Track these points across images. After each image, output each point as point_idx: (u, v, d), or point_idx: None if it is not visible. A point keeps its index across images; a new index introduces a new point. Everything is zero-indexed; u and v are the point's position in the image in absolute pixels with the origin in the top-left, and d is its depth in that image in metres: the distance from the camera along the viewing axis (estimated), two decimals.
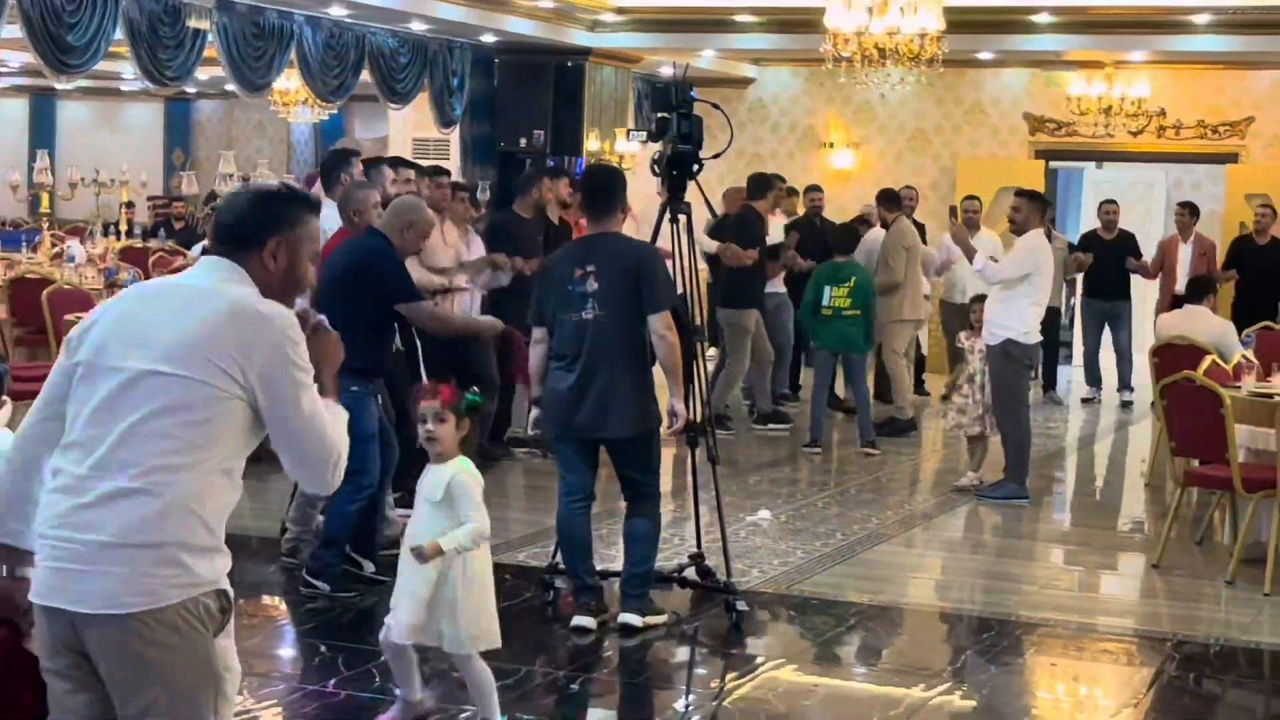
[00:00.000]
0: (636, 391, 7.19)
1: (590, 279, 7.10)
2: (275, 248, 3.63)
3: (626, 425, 7.19)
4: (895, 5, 11.68)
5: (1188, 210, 15.57)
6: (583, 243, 7.57)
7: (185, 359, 3.45)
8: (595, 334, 7.10)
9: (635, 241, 7.55)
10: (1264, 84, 17.17)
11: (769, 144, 19.01)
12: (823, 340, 12.39)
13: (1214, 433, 8.46)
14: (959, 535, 9.90)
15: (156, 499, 3.40)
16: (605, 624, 7.28)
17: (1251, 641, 7.45)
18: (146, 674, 3.40)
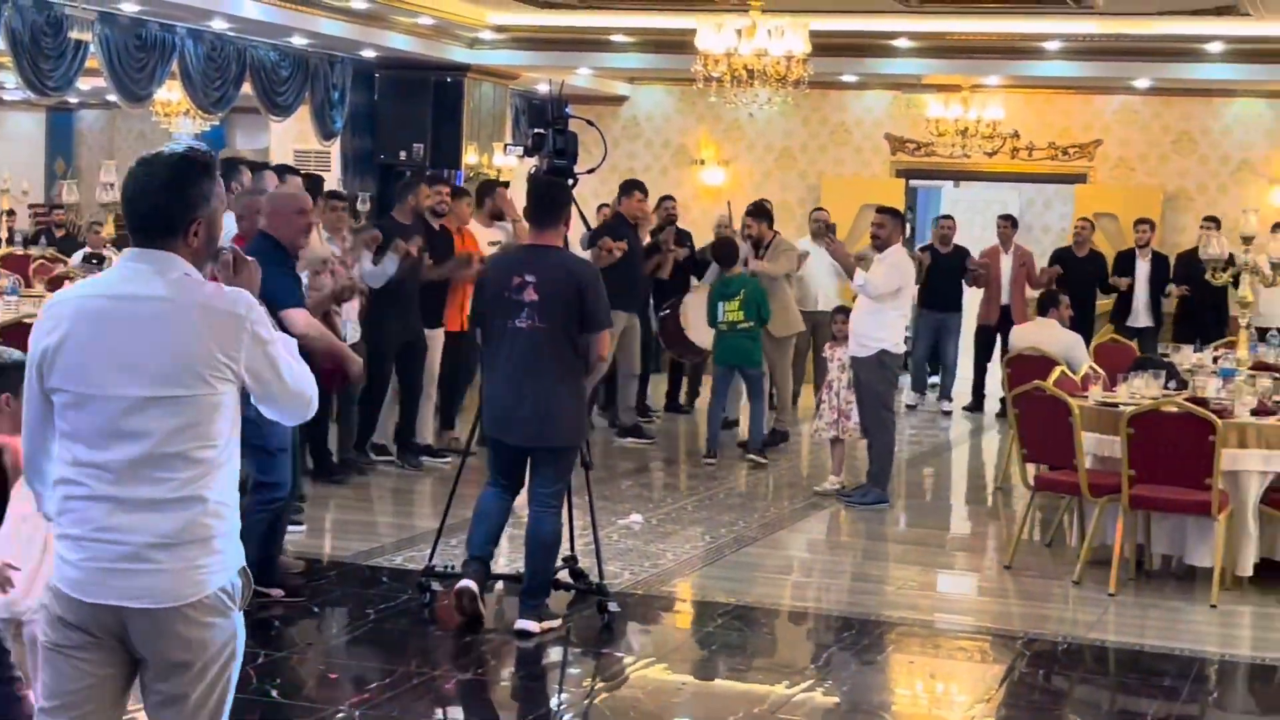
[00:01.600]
0: (572, 403, 7.19)
1: (529, 289, 7.06)
2: (197, 227, 3.61)
3: (560, 436, 7.19)
4: (763, 28, 11.78)
5: (1008, 222, 15.99)
6: (524, 251, 7.46)
7: (180, 379, 3.50)
8: (531, 344, 7.07)
9: (577, 260, 7.52)
10: (1111, 108, 17.52)
11: (642, 160, 19.05)
12: (719, 356, 12.25)
13: (1063, 440, 8.61)
14: (823, 538, 9.98)
15: (198, 503, 3.52)
16: (479, 624, 7.25)
17: (1097, 640, 7.58)
18: (193, 654, 3.54)
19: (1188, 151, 17.29)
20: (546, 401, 7.09)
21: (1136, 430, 8.24)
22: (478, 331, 7.49)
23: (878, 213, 10.89)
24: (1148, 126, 17.43)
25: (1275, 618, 8.03)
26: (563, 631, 7.33)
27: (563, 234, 7.41)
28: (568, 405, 7.15)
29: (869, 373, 10.46)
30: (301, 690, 6.48)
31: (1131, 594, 8.38)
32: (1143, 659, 7.29)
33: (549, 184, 7.53)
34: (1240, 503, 8.34)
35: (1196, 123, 17.23)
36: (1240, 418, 8.49)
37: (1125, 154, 17.53)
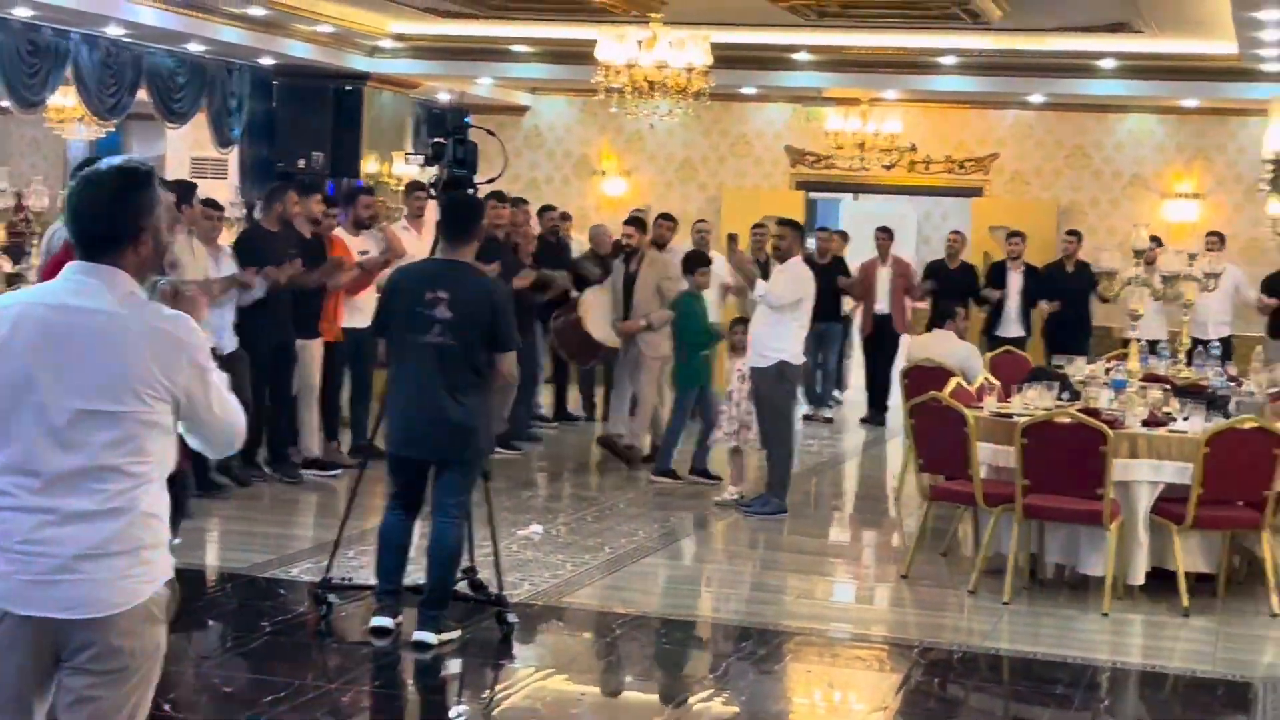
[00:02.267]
0: (482, 416, 7.16)
1: (442, 305, 7.02)
2: (145, 238, 3.63)
3: (470, 448, 7.16)
4: (664, 40, 11.81)
5: (885, 234, 16.18)
6: (436, 266, 7.36)
7: (121, 396, 3.53)
8: (442, 360, 7.03)
9: (489, 279, 7.46)
10: (1007, 123, 17.74)
11: (544, 170, 19.04)
12: (692, 377, 11.82)
13: (958, 450, 8.70)
14: (722, 547, 10.01)
15: (126, 514, 3.54)
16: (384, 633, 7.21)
17: (991, 648, 7.66)
18: (124, 664, 3.57)
19: (1081, 166, 17.55)
20: (457, 415, 7.06)
21: (1030, 441, 8.34)
22: (381, 344, 7.42)
23: (778, 224, 10.98)
24: (1042, 141, 17.68)
25: (1165, 626, 8.16)
26: (461, 643, 7.30)
27: (474, 250, 7.39)
28: (477, 418, 7.13)
29: (769, 383, 10.51)
30: (196, 704, 6.40)
31: (1025, 603, 8.48)
32: (1036, 667, 7.38)
33: (464, 199, 7.49)
34: (1131, 512, 8.46)
35: (1090, 138, 17.50)
36: (1131, 428, 8.62)
37: (1020, 168, 17.76)
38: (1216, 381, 10.65)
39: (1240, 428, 8.38)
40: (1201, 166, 17.07)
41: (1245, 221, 16.59)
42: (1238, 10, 11.11)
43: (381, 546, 7.39)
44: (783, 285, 10.49)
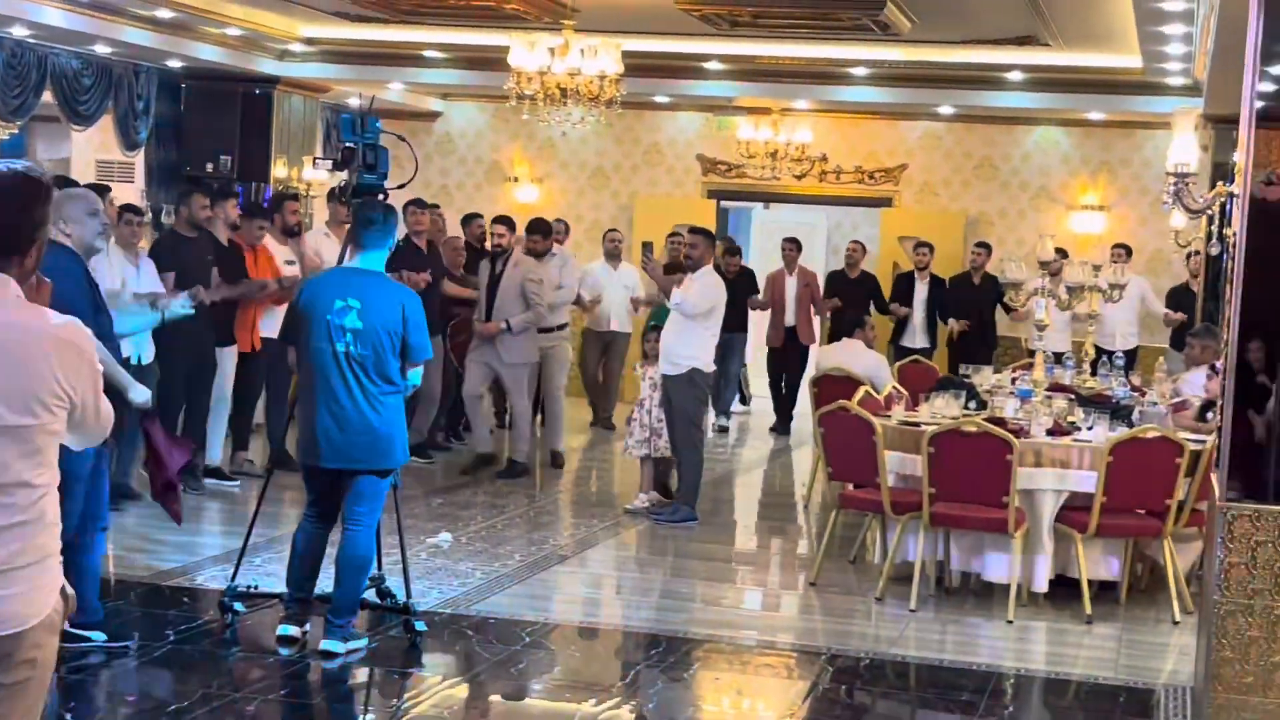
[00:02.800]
0: (391, 429, 7.12)
1: (353, 314, 6.97)
2: (36, 248, 3.61)
3: (383, 458, 7.12)
4: (576, 47, 11.81)
5: (792, 244, 16.28)
6: (347, 275, 7.28)
7: (28, 408, 3.49)
8: (353, 369, 6.99)
9: (403, 288, 7.39)
10: (916, 134, 17.91)
11: (455, 176, 18.98)
12: None
13: (866, 458, 8.77)
14: (632, 555, 10.02)
15: (34, 525, 3.52)
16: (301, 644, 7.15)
17: (898, 655, 7.73)
18: (30, 675, 3.55)
19: (989, 177, 17.75)
20: (368, 425, 7.02)
21: (937, 449, 8.43)
22: (291, 352, 7.36)
23: (690, 233, 11.02)
24: (951, 153, 17.86)
25: (1069, 633, 8.26)
26: (368, 652, 7.26)
27: (385, 258, 7.35)
28: (389, 428, 7.10)
29: (680, 391, 10.54)
30: (97, 713, 6.32)
31: (932, 610, 8.56)
32: (942, 674, 7.45)
33: (377, 206, 7.40)
34: (1036, 520, 8.57)
35: (998, 149, 17.70)
36: (1036, 438, 8.74)
37: (930, 179, 17.92)
38: (1120, 391, 10.81)
39: (1143, 437, 8.51)
40: (1107, 179, 17.32)
41: (1150, 234, 16.85)
42: (1142, 25, 11.28)
43: (293, 555, 7.35)
44: (697, 294, 10.50)
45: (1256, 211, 5.83)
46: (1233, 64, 7.21)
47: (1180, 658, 7.81)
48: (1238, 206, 6.08)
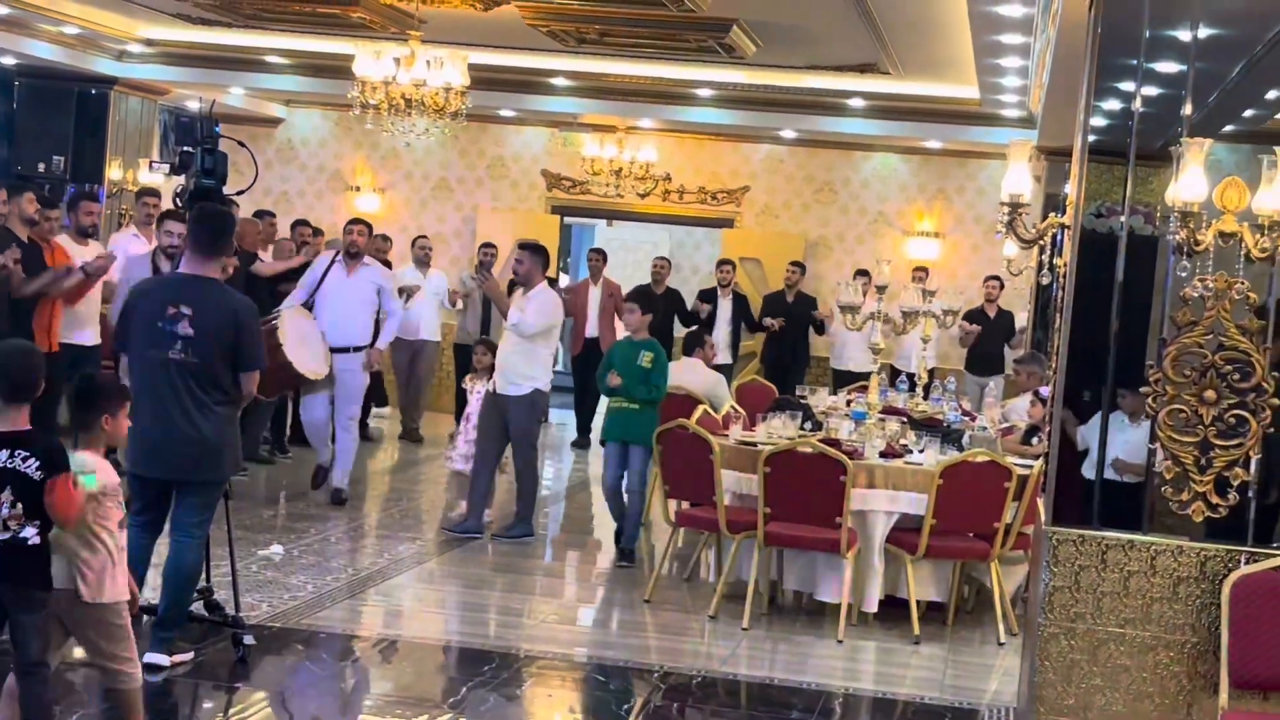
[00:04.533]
0: (225, 436, 6.98)
1: (184, 322, 6.82)
2: None
3: (213, 470, 6.98)
4: (422, 59, 11.75)
5: (599, 255, 16.41)
6: (180, 281, 7.11)
7: None
8: (183, 378, 6.84)
9: (236, 296, 7.22)
10: (759, 156, 18.08)
11: (296, 183, 18.75)
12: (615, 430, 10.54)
13: (704, 477, 8.82)
14: (467, 570, 9.95)
15: None
16: None
17: (730, 673, 7.77)
18: None
19: (829, 201, 17.97)
20: (199, 434, 6.88)
21: (773, 469, 8.49)
22: (122, 360, 7.19)
23: (519, 248, 10.79)
24: (792, 176, 18.06)
25: (897, 652, 8.37)
26: (195, 665, 7.11)
27: (223, 265, 7.21)
28: (221, 438, 6.97)
29: (521, 412, 10.44)
30: None
31: (764, 628, 8.62)
32: (772, 692, 7.50)
33: (212, 212, 7.22)
34: (868, 541, 8.68)
35: (838, 174, 17.94)
36: (869, 459, 8.85)
37: (771, 201, 18.10)
38: (952, 415, 11.00)
39: (973, 461, 8.66)
40: (942, 206, 17.64)
41: (983, 261, 17.19)
42: (980, 57, 11.52)
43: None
44: (534, 313, 10.34)
45: (1086, 243, 5.97)
46: (1066, 98, 7.40)
47: (1004, 679, 7.95)
48: (1069, 237, 6.22)
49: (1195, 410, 5.60)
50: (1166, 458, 5.64)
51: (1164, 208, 5.65)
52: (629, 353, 10.36)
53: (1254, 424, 5.56)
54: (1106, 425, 5.89)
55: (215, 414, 6.92)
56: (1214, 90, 5.97)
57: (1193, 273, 5.58)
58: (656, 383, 10.30)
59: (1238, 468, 5.58)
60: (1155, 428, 5.68)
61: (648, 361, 10.25)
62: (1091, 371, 5.94)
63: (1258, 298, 5.59)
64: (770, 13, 11.73)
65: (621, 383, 10.17)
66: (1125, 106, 5.91)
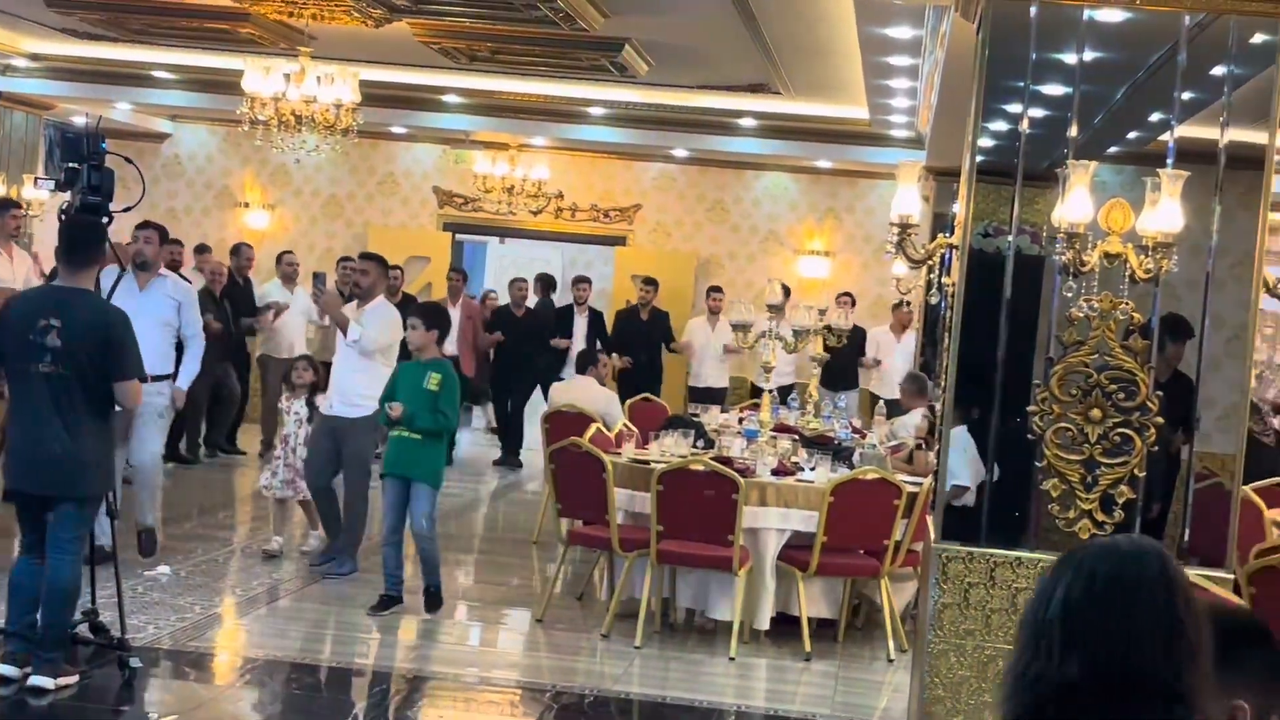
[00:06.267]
0: (95, 453, 6.86)
1: (54, 333, 6.70)
2: None
3: (84, 485, 6.84)
4: (312, 75, 11.65)
5: (459, 275, 16.41)
6: (51, 293, 7.02)
7: None
8: (54, 390, 6.72)
9: (108, 305, 7.10)
10: (651, 174, 18.14)
11: (183, 199, 18.51)
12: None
13: (596, 495, 8.80)
14: (357, 591, 9.84)
15: None
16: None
17: (622, 691, 7.76)
18: None
19: (720, 220, 18.06)
20: (71, 449, 6.77)
21: (666, 487, 8.50)
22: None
23: (362, 259, 10.13)
24: (684, 194, 18.13)
25: (788, 670, 8.40)
26: (79, 688, 6.97)
27: (94, 275, 7.10)
28: (92, 453, 6.85)
29: (360, 435, 9.78)
30: None
31: (657, 647, 8.62)
32: (665, 710, 7.50)
33: (82, 224, 7.15)
34: (760, 559, 8.71)
35: (729, 193, 18.03)
36: (761, 477, 8.88)
37: (663, 219, 18.16)
38: (842, 433, 11.08)
39: (863, 478, 8.72)
40: (833, 225, 17.78)
41: (872, 280, 17.36)
42: (870, 78, 11.63)
43: (11, 590, 7.02)
44: (378, 329, 9.69)
45: (974, 262, 6.04)
46: (954, 119, 7.49)
47: (894, 695, 8.01)
48: (957, 257, 6.29)
49: (1081, 429, 5.68)
50: (1053, 475, 5.71)
51: (1050, 228, 5.72)
52: (415, 375, 8.97)
53: (1138, 442, 5.64)
54: (996, 442, 5.96)
55: (85, 428, 6.80)
56: (1099, 113, 6.07)
57: (1079, 293, 5.66)
58: (445, 409, 8.89)
59: (1123, 485, 5.66)
60: (1042, 446, 5.75)
61: (435, 384, 8.88)
62: (979, 390, 6.00)
63: (1142, 317, 5.68)
64: (662, 33, 11.77)
65: (404, 411, 8.79)
66: (1012, 128, 5.99)
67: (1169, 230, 5.52)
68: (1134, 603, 2.27)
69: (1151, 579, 2.31)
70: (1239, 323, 5.94)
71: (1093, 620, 2.27)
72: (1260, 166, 5.86)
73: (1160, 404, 5.64)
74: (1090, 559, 2.36)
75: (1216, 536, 5.94)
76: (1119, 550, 2.37)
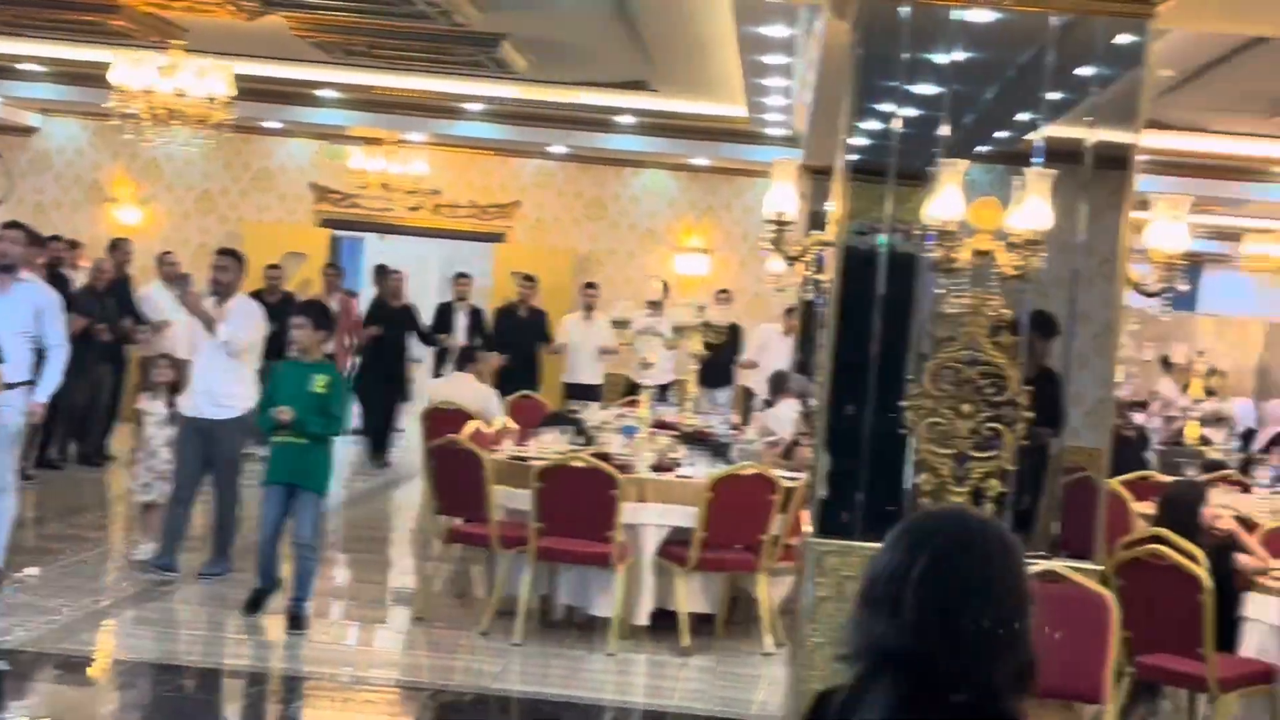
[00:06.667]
0: None
1: None
2: None
3: None
4: (185, 68, 11.52)
5: (334, 270, 16.24)
6: None
7: None
8: None
9: None
10: (530, 171, 18.13)
11: (51, 194, 18.19)
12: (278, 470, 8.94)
13: (475, 492, 8.79)
14: (230, 592, 9.74)
15: None
16: None
17: (502, 689, 7.76)
18: None
19: (599, 217, 18.11)
20: None
21: (545, 484, 8.51)
22: None
23: (220, 255, 9.81)
24: (563, 191, 18.15)
25: (667, 665, 8.45)
26: None
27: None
28: None
29: (230, 437, 9.55)
30: None
31: (536, 644, 8.62)
32: (544, 707, 7.52)
33: None
34: (639, 554, 8.75)
35: (608, 190, 18.08)
36: (641, 473, 8.92)
37: (542, 216, 18.16)
38: (721, 429, 11.16)
39: (741, 474, 8.79)
40: (710, 223, 17.90)
41: (749, 277, 17.49)
42: (747, 76, 11.73)
43: None
44: (243, 327, 9.47)
45: (849, 260, 6.12)
46: (829, 118, 7.58)
47: (771, 689, 8.08)
48: (831, 254, 6.36)
49: (953, 423, 5.77)
50: (925, 469, 5.80)
51: (923, 226, 5.81)
52: (299, 377, 8.51)
53: (1008, 436, 5.75)
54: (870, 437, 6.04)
55: None
56: (970, 112, 6.17)
57: (950, 289, 5.75)
58: (336, 413, 8.53)
59: (993, 479, 5.76)
60: (914, 440, 5.84)
61: (322, 386, 8.42)
62: (855, 385, 6.08)
63: (1010, 314, 5.79)
64: (541, 29, 11.78)
65: (293, 417, 8.35)
66: (885, 127, 6.08)
67: (1037, 228, 5.62)
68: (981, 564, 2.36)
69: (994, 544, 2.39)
70: (1105, 320, 6.08)
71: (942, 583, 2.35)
72: (1125, 166, 6.00)
73: (1029, 399, 5.75)
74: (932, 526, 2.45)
75: (1085, 529, 6.08)
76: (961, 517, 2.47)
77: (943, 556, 2.37)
